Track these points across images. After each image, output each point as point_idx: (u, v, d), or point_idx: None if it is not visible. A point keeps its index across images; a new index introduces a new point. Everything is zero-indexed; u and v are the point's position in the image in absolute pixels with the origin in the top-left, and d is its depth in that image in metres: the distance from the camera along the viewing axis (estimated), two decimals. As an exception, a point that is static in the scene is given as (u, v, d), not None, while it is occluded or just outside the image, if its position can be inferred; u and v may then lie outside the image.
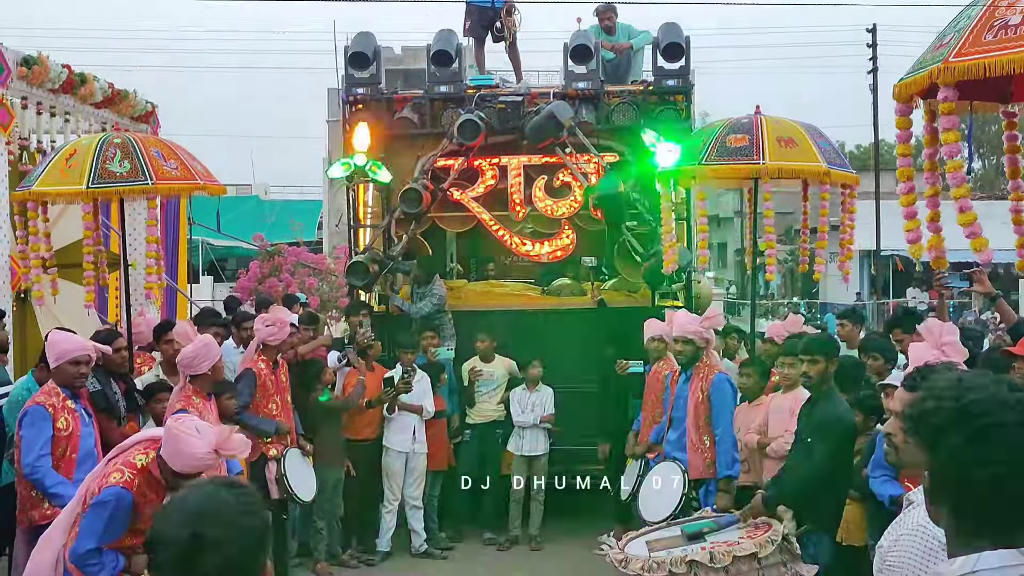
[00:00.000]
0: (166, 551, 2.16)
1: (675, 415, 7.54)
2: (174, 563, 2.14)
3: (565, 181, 9.88)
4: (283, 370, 8.13)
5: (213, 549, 2.13)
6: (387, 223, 10.02)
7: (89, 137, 8.23)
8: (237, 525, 2.18)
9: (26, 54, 9.56)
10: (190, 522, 2.16)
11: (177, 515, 2.19)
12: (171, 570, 2.16)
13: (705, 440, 7.29)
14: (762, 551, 5.46)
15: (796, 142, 7.73)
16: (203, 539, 2.13)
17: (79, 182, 7.55)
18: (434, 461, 9.14)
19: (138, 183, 7.66)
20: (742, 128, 7.65)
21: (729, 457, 7.12)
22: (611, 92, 10.11)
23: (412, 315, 9.73)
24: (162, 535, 2.17)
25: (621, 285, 10.30)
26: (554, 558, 8.91)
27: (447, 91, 10.06)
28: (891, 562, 2.93)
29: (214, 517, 2.17)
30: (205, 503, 2.20)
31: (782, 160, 7.60)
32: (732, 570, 5.42)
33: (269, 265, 19.12)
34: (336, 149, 24.80)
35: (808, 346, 6.14)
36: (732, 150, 7.54)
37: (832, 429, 5.83)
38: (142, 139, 7.87)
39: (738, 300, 30.31)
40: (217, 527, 2.15)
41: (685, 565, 5.41)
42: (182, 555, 2.14)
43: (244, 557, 2.17)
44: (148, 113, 12.00)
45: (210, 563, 2.12)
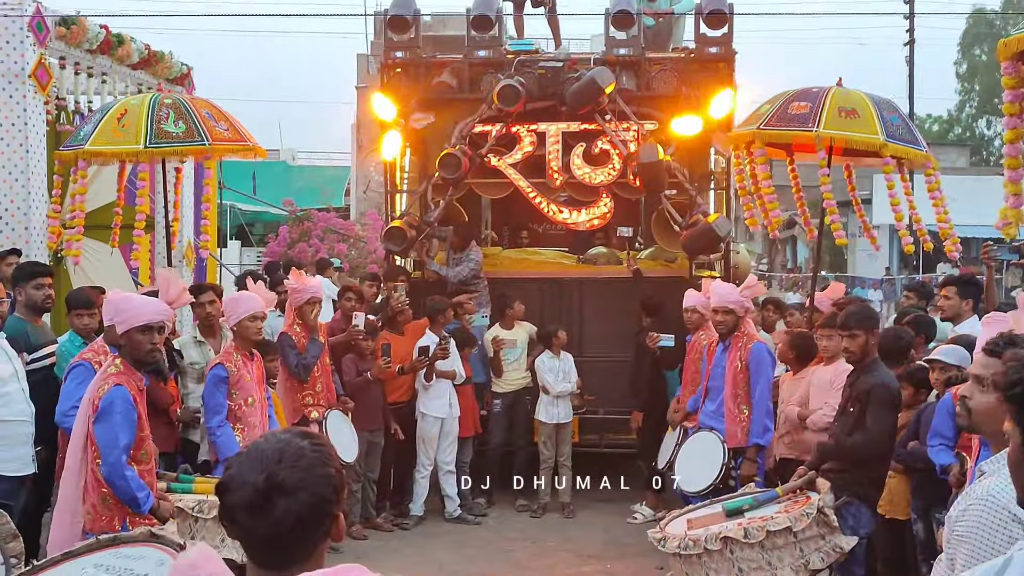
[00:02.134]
0: (239, 493, 2.11)
1: (712, 385, 7.51)
2: (246, 506, 2.10)
3: (604, 149, 9.77)
4: (322, 334, 8.14)
5: (287, 493, 2.10)
6: (424, 188, 9.99)
7: (138, 97, 8.22)
8: (312, 471, 2.15)
9: (64, 14, 9.55)
10: (265, 466, 2.12)
11: (252, 459, 2.15)
12: (243, 513, 2.11)
13: (744, 410, 7.26)
14: (797, 524, 5.45)
15: (859, 113, 7.61)
16: (277, 482, 2.10)
17: (135, 141, 7.56)
18: (463, 427, 9.15)
19: (196, 143, 7.67)
20: (808, 96, 7.55)
21: (761, 425, 7.09)
22: (652, 59, 10.00)
23: (449, 279, 9.71)
24: (236, 478, 2.13)
25: (658, 254, 10.24)
26: (587, 525, 8.93)
27: (486, 56, 9.97)
28: (960, 532, 2.91)
29: (289, 462, 2.14)
30: (281, 448, 2.16)
31: (839, 129, 7.48)
32: (767, 544, 5.42)
33: (298, 230, 19.21)
34: (365, 115, 24.79)
35: (847, 320, 6.05)
36: (791, 116, 7.45)
37: (878, 396, 5.78)
38: (191, 100, 7.87)
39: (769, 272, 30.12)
40: (292, 472, 2.12)
41: (719, 542, 5.42)
42: (255, 498, 2.10)
43: (318, 504, 2.14)
44: (183, 75, 12.00)
45: (283, 507, 2.09)
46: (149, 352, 5.10)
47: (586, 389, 9.59)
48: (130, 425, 4.90)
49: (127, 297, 5.24)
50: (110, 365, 5.01)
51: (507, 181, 10.11)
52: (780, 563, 5.44)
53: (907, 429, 6.35)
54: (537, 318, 9.78)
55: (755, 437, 7.08)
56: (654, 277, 9.80)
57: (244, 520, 2.12)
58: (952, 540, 2.95)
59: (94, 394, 4.87)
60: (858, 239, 28.56)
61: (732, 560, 5.42)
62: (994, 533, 2.82)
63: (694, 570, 5.52)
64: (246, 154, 8.47)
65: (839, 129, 7.49)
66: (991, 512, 2.84)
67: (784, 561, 5.45)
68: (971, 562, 2.83)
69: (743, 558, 5.42)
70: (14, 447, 5.81)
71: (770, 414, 7.17)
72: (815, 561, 5.52)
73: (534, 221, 11.71)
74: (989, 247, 7.63)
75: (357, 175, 26.37)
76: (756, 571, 5.40)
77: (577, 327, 9.93)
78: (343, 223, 20.72)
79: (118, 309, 5.12)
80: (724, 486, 6.85)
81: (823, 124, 7.41)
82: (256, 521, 2.11)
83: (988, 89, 51.74)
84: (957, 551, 2.90)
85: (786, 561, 5.45)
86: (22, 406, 5.83)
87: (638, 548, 7.99)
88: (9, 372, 5.78)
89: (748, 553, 5.41)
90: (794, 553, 5.47)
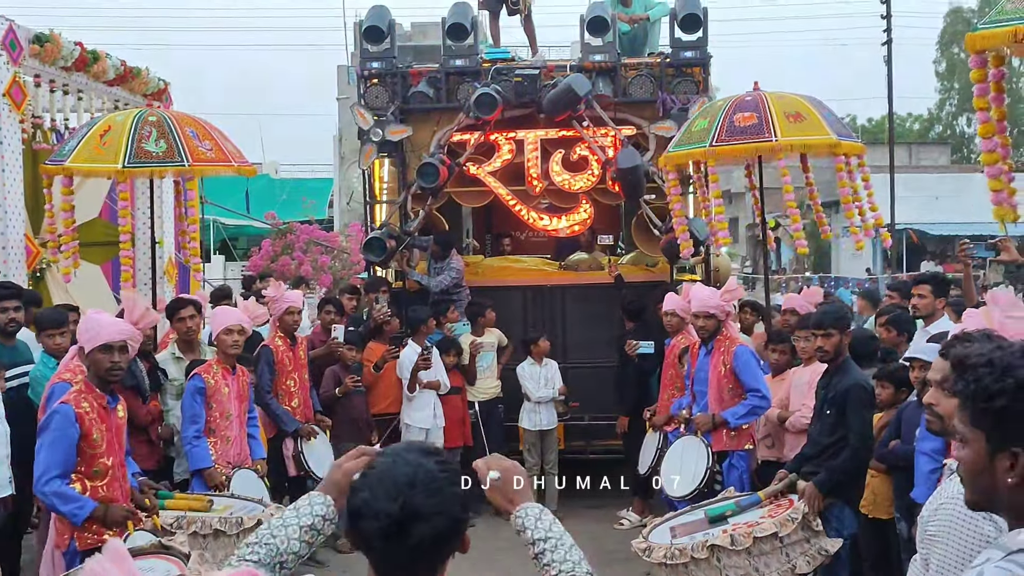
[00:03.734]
0: (376, 521, 2.11)
1: (697, 389, 7.49)
2: (383, 534, 2.11)
3: (582, 155, 9.81)
4: (302, 347, 8.13)
5: (424, 519, 2.11)
6: (404, 199, 9.98)
7: (123, 113, 8.15)
8: (444, 493, 2.15)
9: (38, 31, 9.50)
10: (399, 492, 2.12)
11: (385, 486, 2.14)
12: (380, 541, 2.11)
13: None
14: (782, 530, 5.44)
15: (803, 115, 7.60)
16: (414, 509, 2.10)
17: (114, 160, 7.50)
18: (449, 438, 9.11)
19: (174, 164, 7.62)
20: (748, 106, 7.48)
21: (743, 410, 7.00)
22: (628, 64, 10.02)
23: (431, 289, 9.70)
24: (370, 506, 2.13)
25: (639, 259, 10.25)
26: (573, 532, 8.68)
27: (463, 65, 9.98)
28: (932, 531, 2.91)
29: (424, 488, 2.13)
30: (412, 473, 2.16)
31: (793, 135, 7.45)
32: (754, 551, 5.39)
33: (281, 243, 19.14)
34: (347, 127, 24.80)
35: (821, 320, 6.07)
36: (742, 129, 7.40)
37: (856, 397, 5.79)
38: (177, 117, 7.82)
39: (752, 275, 30.22)
40: (426, 496, 2.13)
41: (707, 550, 5.39)
42: (392, 526, 2.11)
43: (452, 525, 2.15)
44: (160, 91, 11.93)
45: (420, 533, 2.10)
46: (109, 371, 5.08)
47: (570, 395, 9.58)
48: (64, 442, 4.89)
49: (92, 317, 5.22)
50: (74, 382, 5.07)
51: (487, 189, 10.13)
52: (767, 569, 5.42)
53: (888, 428, 6.35)
54: (520, 325, 9.79)
55: (728, 414, 7.01)
56: (635, 282, 9.80)
57: (381, 546, 2.13)
58: (925, 540, 2.95)
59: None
60: (841, 239, 28.71)
61: (719, 568, 5.39)
62: (966, 531, 2.82)
63: None
64: (246, 172, 8.40)
65: (795, 135, 7.44)
66: (962, 510, 2.83)
67: (771, 567, 5.42)
68: (945, 561, 2.83)
69: (730, 565, 5.39)
70: None
71: (754, 412, 7.06)
72: (801, 565, 5.50)
73: (515, 229, 11.72)
74: (966, 245, 7.63)
75: (340, 187, 26.35)
76: None
77: (560, 333, 9.95)
78: (326, 235, 20.68)
79: (83, 328, 5.16)
80: (709, 490, 6.83)
81: (779, 132, 7.35)
82: (394, 547, 2.12)
83: (968, 87, 51.90)
84: (931, 550, 2.90)
85: (773, 567, 5.42)
86: None
87: (625, 554, 7.93)
88: None
89: (735, 560, 5.38)
90: (780, 558, 5.45)
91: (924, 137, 52.07)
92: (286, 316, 7.98)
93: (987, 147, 5.36)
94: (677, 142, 7.86)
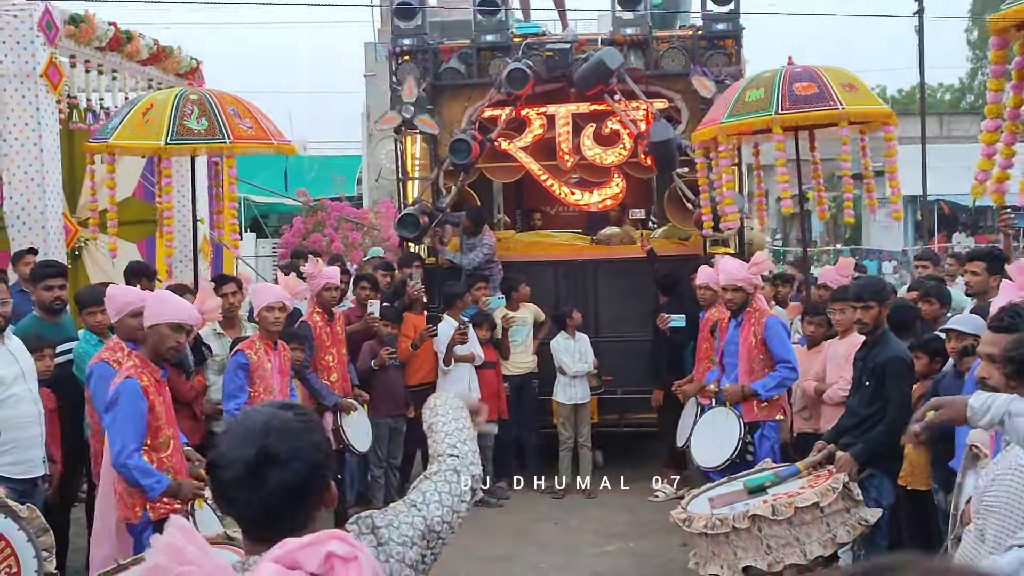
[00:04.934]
0: (231, 469, 2.09)
1: (726, 361, 7.45)
2: (240, 481, 2.08)
3: (614, 129, 9.79)
4: (339, 323, 8.22)
5: (280, 464, 2.08)
6: (436, 175, 10.02)
7: (165, 92, 8.24)
8: (300, 439, 2.13)
9: (73, 12, 9.58)
10: (255, 439, 2.09)
11: (241, 434, 2.13)
12: (236, 488, 2.09)
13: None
14: (823, 500, 5.45)
15: (855, 86, 7.63)
16: (269, 454, 2.08)
17: (157, 137, 7.61)
18: (484, 412, 9.16)
19: (216, 141, 7.71)
20: (803, 77, 7.48)
21: (773, 382, 6.98)
22: (660, 38, 9.98)
23: (463, 266, 9.74)
24: (226, 454, 2.11)
25: (671, 233, 10.24)
26: (608, 505, 8.97)
27: (494, 40, 9.98)
28: (989, 502, 2.91)
29: (279, 433, 2.11)
30: (268, 421, 2.14)
31: (852, 104, 7.47)
32: (795, 521, 5.42)
33: (312, 220, 19.22)
34: (374, 104, 24.79)
35: (860, 292, 6.07)
36: (805, 98, 7.39)
37: (895, 369, 5.80)
38: (218, 96, 7.88)
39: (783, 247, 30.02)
40: (281, 441, 2.10)
41: (748, 520, 5.42)
42: (248, 472, 2.08)
43: (309, 472, 2.12)
44: (193, 70, 12.01)
45: (276, 479, 2.07)
46: (171, 349, 5.27)
47: (603, 369, 9.62)
48: (137, 415, 5.03)
49: (165, 293, 5.53)
50: (126, 359, 5.18)
51: (518, 165, 10.14)
52: (808, 539, 5.44)
53: (924, 399, 6.34)
54: (552, 300, 9.82)
55: (758, 385, 6.99)
56: (668, 256, 9.80)
57: (237, 495, 2.10)
58: (981, 510, 2.96)
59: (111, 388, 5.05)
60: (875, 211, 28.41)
61: (760, 538, 5.42)
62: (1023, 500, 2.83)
63: (721, 549, 5.53)
64: (286, 150, 8.45)
65: (853, 104, 7.46)
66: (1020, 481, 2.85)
67: (812, 536, 5.45)
68: (1003, 531, 2.84)
69: (771, 535, 5.42)
70: (23, 451, 5.66)
71: (783, 384, 7.04)
72: (842, 535, 5.53)
73: (546, 204, 11.72)
74: (1007, 215, 7.58)
75: (368, 164, 26.37)
76: (784, 547, 5.40)
77: (592, 308, 9.96)
78: (356, 212, 20.73)
79: (154, 301, 5.34)
80: (741, 461, 6.86)
81: (843, 101, 7.38)
82: (250, 495, 2.09)
83: (1000, 56, 51.25)
84: (987, 521, 2.90)
85: (814, 536, 5.45)
86: (29, 407, 5.72)
87: (661, 526, 8.02)
88: (15, 374, 5.66)
89: (776, 530, 5.42)
90: (821, 528, 5.47)
91: (955, 107, 51.37)
92: (324, 292, 8.07)
93: (989, 127, 5.39)
94: (731, 112, 7.76)
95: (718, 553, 5.57)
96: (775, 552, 5.42)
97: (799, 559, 5.46)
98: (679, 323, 8.89)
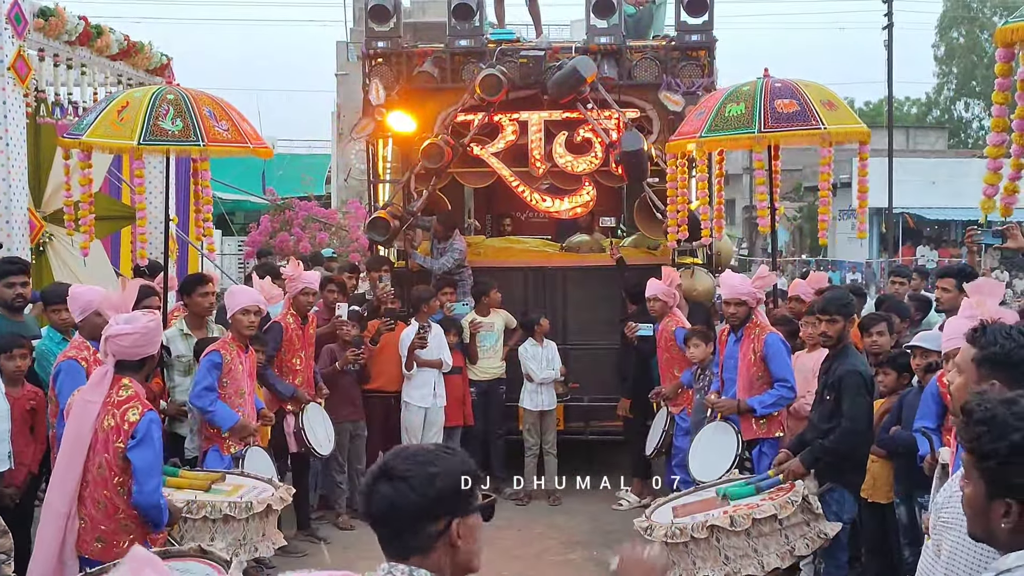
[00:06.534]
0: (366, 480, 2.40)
1: (726, 376, 7.39)
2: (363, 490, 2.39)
3: (586, 137, 9.81)
4: (312, 326, 8.20)
5: (390, 480, 2.33)
6: (407, 178, 10.00)
7: (142, 90, 8.07)
8: (421, 467, 2.35)
9: (43, 5, 9.46)
10: (386, 458, 2.40)
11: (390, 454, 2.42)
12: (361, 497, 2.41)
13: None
14: (782, 512, 5.50)
15: (835, 104, 7.64)
16: (386, 469, 2.36)
17: (130, 136, 7.45)
18: (449, 417, 9.17)
19: (189, 143, 7.60)
20: (785, 93, 7.48)
21: (770, 400, 6.96)
22: (633, 47, 10.03)
23: (434, 271, 9.72)
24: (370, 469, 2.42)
25: (641, 242, 10.28)
26: (573, 512, 8.98)
27: (468, 45, 9.97)
28: (946, 518, 2.94)
29: (404, 456, 2.39)
30: (411, 449, 2.42)
31: (833, 123, 7.47)
32: (753, 532, 5.46)
33: (280, 219, 19.11)
34: (345, 103, 24.72)
35: (826, 306, 6.12)
36: (788, 116, 7.39)
37: (851, 383, 5.87)
38: (195, 96, 7.75)
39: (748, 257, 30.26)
40: (402, 463, 2.36)
41: (706, 530, 5.46)
42: (368, 482, 2.38)
43: (416, 498, 2.32)
44: (163, 66, 11.90)
45: (382, 492, 2.33)
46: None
47: (570, 377, 9.64)
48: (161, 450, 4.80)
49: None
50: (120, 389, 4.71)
51: (490, 170, 10.14)
52: (766, 550, 5.49)
53: (889, 414, 6.42)
54: (520, 306, 9.82)
55: (754, 402, 6.97)
56: (637, 265, 9.83)
57: (360, 504, 2.42)
58: (938, 527, 2.99)
59: (119, 420, 4.61)
60: (838, 222, 28.72)
61: (718, 548, 5.46)
62: None
63: (681, 558, 5.56)
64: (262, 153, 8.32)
65: (834, 122, 7.46)
66: None
67: (770, 548, 5.49)
68: (958, 548, 2.87)
69: (729, 546, 5.46)
70: None
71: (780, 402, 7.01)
72: (800, 547, 5.58)
73: (517, 209, 11.73)
74: (973, 231, 7.65)
75: (338, 163, 26.28)
76: (742, 559, 5.44)
77: (561, 315, 9.99)
78: (324, 212, 20.65)
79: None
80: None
81: (824, 120, 7.36)
82: (364, 504, 2.37)
83: (966, 72, 52.00)
84: (943, 537, 2.93)
85: (772, 548, 5.49)
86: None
87: (624, 534, 8.01)
88: None
89: (734, 541, 5.46)
90: (779, 540, 5.52)
91: (922, 121, 52.00)
92: (301, 296, 8.03)
93: (995, 140, 5.41)
94: (710, 126, 7.69)
95: (678, 562, 5.59)
96: (732, 563, 5.46)
97: (756, 571, 5.49)
98: (647, 332, 8.94)
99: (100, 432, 4.61)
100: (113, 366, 4.69)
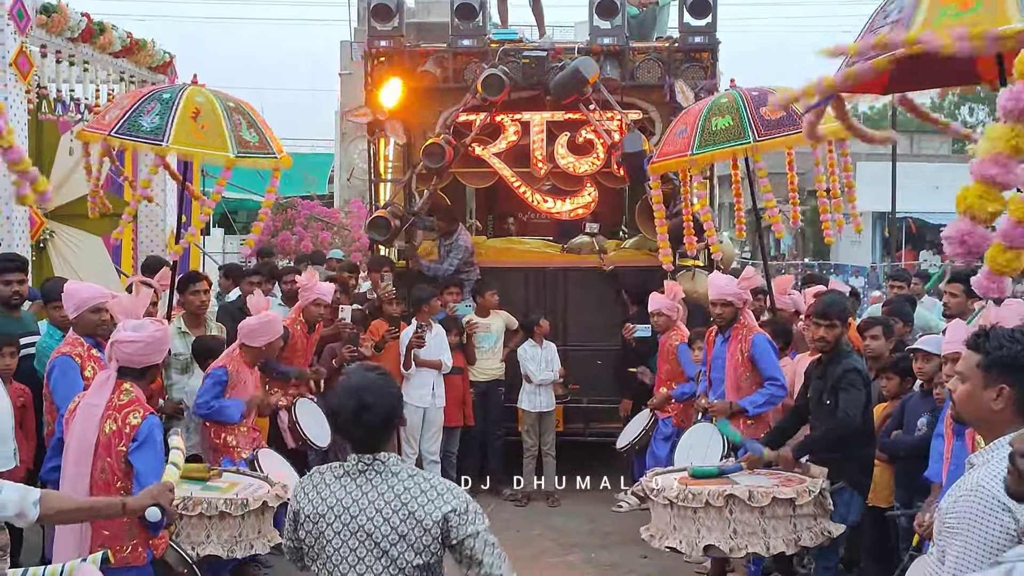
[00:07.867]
0: (343, 414, 3.42)
1: (714, 376, 7.38)
2: (347, 421, 3.40)
3: (588, 138, 9.81)
4: (317, 334, 8.27)
5: (370, 410, 3.38)
6: (409, 178, 9.99)
7: (201, 93, 7.49)
8: (383, 392, 3.44)
9: (45, 2, 9.45)
10: (354, 395, 3.41)
11: (346, 391, 3.44)
12: (346, 425, 3.42)
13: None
14: (800, 499, 5.51)
15: None
16: (364, 405, 3.38)
17: (223, 148, 7.16)
18: (449, 417, 9.14)
19: (268, 156, 7.45)
20: (763, 101, 7.40)
21: (761, 399, 6.95)
22: (636, 48, 10.01)
23: (440, 275, 9.68)
24: (340, 404, 3.43)
25: (642, 244, 10.25)
26: (571, 514, 8.96)
27: (470, 45, 9.96)
28: (950, 523, 2.91)
29: (369, 390, 3.41)
30: (361, 382, 3.44)
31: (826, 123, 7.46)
32: (767, 512, 5.45)
33: (282, 218, 19.12)
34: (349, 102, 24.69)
35: (826, 310, 6.10)
36: (776, 123, 7.38)
37: (849, 379, 5.88)
38: (248, 106, 7.61)
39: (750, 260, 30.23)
40: (371, 395, 3.40)
41: (723, 499, 5.44)
42: (352, 416, 3.39)
43: (389, 413, 3.44)
44: (166, 64, 11.89)
45: (368, 419, 3.38)
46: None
47: (570, 378, 9.63)
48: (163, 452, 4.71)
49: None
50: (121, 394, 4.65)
51: (491, 170, 10.13)
52: (775, 533, 5.48)
53: (891, 419, 6.40)
54: (521, 307, 9.80)
55: (746, 402, 6.96)
56: (639, 267, 9.81)
57: (348, 429, 3.42)
58: (943, 532, 2.96)
59: (120, 424, 4.55)
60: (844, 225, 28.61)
61: (729, 520, 5.44)
62: (985, 523, 2.83)
63: (685, 524, 5.54)
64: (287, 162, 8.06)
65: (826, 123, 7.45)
66: (981, 502, 2.85)
67: (778, 532, 5.49)
68: (963, 553, 2.84)
69: (740, 520, 5.44)
70: None
71: (771, 401, 6.99)
72: (806, 539, 5.58)
73: (518, 210, 11.71)
74: None
75: (340, 162, 26.28)
76: (750, 536, 5.43)
77: (561, 316, 9.97)
78: (327, 211, 20.67)
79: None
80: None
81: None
82: (354, 429, 3.41)
83: (970, 76, 51.83)
84: (948, 543, 2.90)
85: (780, 532, 5.49)
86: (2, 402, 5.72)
87: (623, 537, 8.04)
88: None
89: (747, 516, 5.44)
90: (788, 527, 5.51)
91: (926, 126, 51.89)
92: (312, 307, 8.02)
93: None
94: (700, 143, 7.54)
95: (680, 527, 5.58)
96: (739, 538, 5.46)
97: (761, 551, 5.52)
98: (644, 333, 8.92)
99: (103, 437, 4.57)
100: (116, 371, 4.66)
